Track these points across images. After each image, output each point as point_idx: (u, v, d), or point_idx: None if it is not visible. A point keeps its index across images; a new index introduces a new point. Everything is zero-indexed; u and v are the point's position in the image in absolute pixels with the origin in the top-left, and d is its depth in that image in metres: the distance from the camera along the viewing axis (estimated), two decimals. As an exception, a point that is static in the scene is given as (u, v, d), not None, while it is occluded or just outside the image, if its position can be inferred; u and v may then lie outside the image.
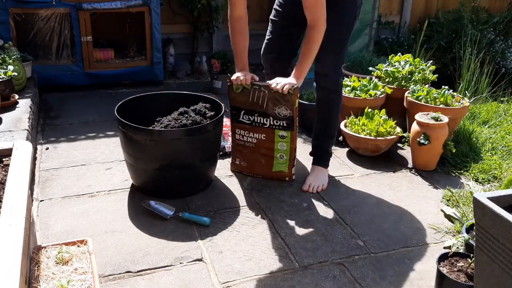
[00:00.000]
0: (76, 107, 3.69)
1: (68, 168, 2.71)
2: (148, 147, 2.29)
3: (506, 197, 1.45)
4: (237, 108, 2.55)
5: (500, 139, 3.13)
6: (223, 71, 4.04)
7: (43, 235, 2.11)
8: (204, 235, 2.15)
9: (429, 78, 3.33)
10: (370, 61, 4.08)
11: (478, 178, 2.73)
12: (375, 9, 4.66)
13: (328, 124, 2.62)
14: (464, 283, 1.71)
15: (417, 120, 2.77)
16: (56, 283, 1.40)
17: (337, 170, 2.81)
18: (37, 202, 2.36)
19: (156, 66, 4.13)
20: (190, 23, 4.54)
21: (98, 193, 2.48)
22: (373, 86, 3.20)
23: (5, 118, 2.85)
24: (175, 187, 2.43)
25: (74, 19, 3.81)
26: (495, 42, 5.08)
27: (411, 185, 2.67)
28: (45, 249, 1.59)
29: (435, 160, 2.82)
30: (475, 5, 5.48)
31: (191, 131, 2.31)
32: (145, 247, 2.06)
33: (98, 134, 3.19)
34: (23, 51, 3.60)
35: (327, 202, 2.46)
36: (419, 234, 2.22)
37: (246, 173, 2.68)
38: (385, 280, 1.91)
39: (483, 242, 1.43)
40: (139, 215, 2.29)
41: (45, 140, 3.08)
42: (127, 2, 3.89)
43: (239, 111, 2.54)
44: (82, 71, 3.96)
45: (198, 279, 1.88)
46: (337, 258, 2.04)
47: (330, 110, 2.59)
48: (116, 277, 1.87)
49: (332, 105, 2.58)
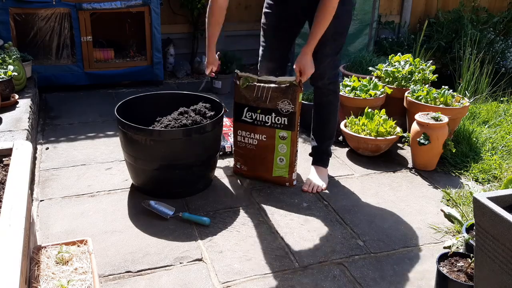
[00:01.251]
0: (76, 107, 3.69)
1: (68, 168, 2.72)
2: (148, 147, 2.29)
3: (506, 197, 1.45)
4: (240, 105, 2.56)
5: (500, 139, 3.13)
6: (223, 71, 4.04)
7: (43, 235, 2.11)
8: (204, 235, 2.15)
9: (429, 78, 3.33)
10: (370, 61, 4.08)
11: (478, 178, 2.73)
12: (375, 9, 4.65)
13: (326, 125, 2.62)
14: (464, 283, 1.71)
15: (417, 120, 2.77)
16: (56, 283, 1.40)
17: (337, 170, 2.81)
18: (37, 202, 2.36)
19: (156, 66, 4.13)
20: (190, 23, 4.55)
21: (98, 193, 2.48)
22: (373, 86, 3.20)
23: (5, 118, 2.85)
24: (175, 187, 2.44)
25: (74, 19, 3.81)
26: (495, 42, 5.08)
27: (411, 185, 2.67)
28: (45, 249, 1.59)
29: (435, 160, 2.82)
30: (475, 5, 5.48)
31: (191, 131, 2.31)
32: (145, 247, 2.06)
33: (98, 134, 3.19)
34: (23, 51, 3.60)
35: (327, 202, 2.46)
36: (419, 234, 2.23)
37: (247, 176, 2.68)
38: (385, 280, 1.91)
39: (483, 242, 1.43)
40: (139, 215, 2.29)
41: (45, 140, 3.08)
42: (127, 2, 3.89)
43: (243, 108, 2.55)
44: (82, 71, 3.96)
45: (198, 279, 1.88)
46: (337, 258, 2.04)
47: (328, 111, 2.59)
48: (116, 277, 1.87)
49: (329, 106, 2.58)
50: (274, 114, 2.48)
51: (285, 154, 2.52)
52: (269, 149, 2.55)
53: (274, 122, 2.50)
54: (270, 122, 2.51)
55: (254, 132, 2.56)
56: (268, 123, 2.51)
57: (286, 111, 2.45)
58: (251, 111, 2.54)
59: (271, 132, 2.52)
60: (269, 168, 2.58)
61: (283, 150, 2.52)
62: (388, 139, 2.87)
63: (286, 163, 2.54)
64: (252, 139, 2.58)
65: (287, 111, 2.45)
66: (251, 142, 2.59)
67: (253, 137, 2.57)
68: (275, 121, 2.49)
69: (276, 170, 2.57)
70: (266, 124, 2.52)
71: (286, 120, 2.47)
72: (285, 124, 2.48)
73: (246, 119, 2.56)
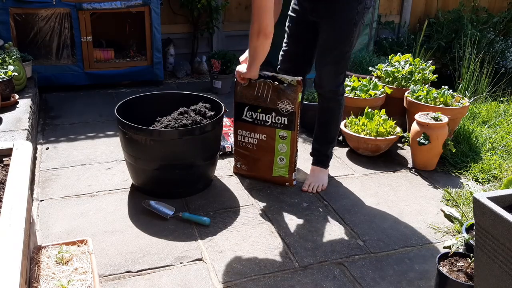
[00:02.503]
0: (76, 107, 3.69)
1: (68, 168, 2.72)
2: (148, 147, 2.29)
3: (506, 197, 1.45)
4: (241, 104, 2.56)
5: (500, 139, 3.13)
6: (223, 71, 4.04)
7: (43, 235, 2.11)
8: (204, 235, 2.15)
9: (429, 78, 3.33)
10: (370, 61, 4.08)
11: (478, 178, 2.73)
12: (375, 9, 4.65)
13: (327, 130, 2.60)
14: (464, 283, 1.71)
15: (417, 120, 2.77)
16: (56, 283, 1.40)
17: (337, 170, 2.81)
18: (37, 202, 2.36)
19: (156, 66, 4.13)
20: (190, 23, 4.54)
21: (98, 193, 2.48)
22: (373, 86, 3.20)
23: (5, 118, 2.86)
24: (175, 187, 2.44)
25: (74, 19, 3.81)
26: (495, 42, 5.09)
27: (411, 185, 2.67)
28: (45, 249, 1.59)
29: (435, 160, 2.82)
30: (475, 5, 5.48)
31: (191, 131, 2.31)
32: (145, 247, 2.06)
33: (98, 134, 3.19)
34: (23, 51, 3.60)
35: (327, 202, 2.46)
36: (419, 234, 2.23)
37: (247, 176, 2.68)
38: (385, 280, 1.92)
39: (483, 242, 1.43)
40: (139, 215, 2.29)
41: (45, 140, 3.08)
42: (127, 2, 3.89)
43: (243, 107, 2.55)
44: (82, 71, 3.96)
45: (198, 279, 1.88)
46: (337, 258, 2.04)
47: (329, 116, 2.57)
48: (116, 277, 1.87)
49: (331, 112, 2.55)
50: (274, 114, 2.49)
51: (285, 153, 2.53)
52: (269, 149, 2.55)
53: (274, 122, 2.50)
54: (270, 122, 2.51)
55: (255, 132, 2.56)
56: (268, 123, 2.51)
57: (286, 110, 2.45)
58: (251, 110, 2.54)
59: (271, 131, 2.52)
60: (269, 167, 2.58)
61: (283, 150, 2.52)
62: (388, 139, 2.87)
63: (286, 163, 2.54)
64: (252, 139, 2.58)
65: (287, 111, 2.45)
66: (251, 142, 2.59)
67: (253, 136, 2.57)
68: (275, 120, 2.49)
69: (276, 169, 2.57)
70: (266, 124, 2.52)
71: (286, 120, 2.47)
72: (285, 123, 2.48)
73: (247, 119, 2.56)
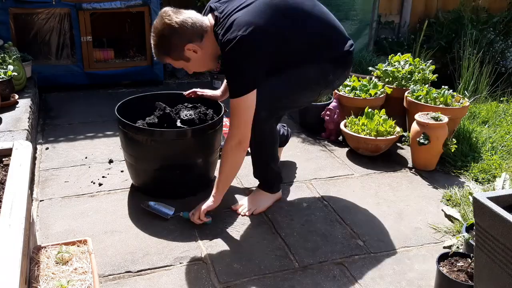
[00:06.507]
0: (76, 107, 3.69)
1: (68, 168, 2.71)
2: (148, 147, 2.29)
3: (506, 197, 1.45)
4: None
5: (499, 139, 3.13)
6: (223, 71, 4.04)
7: (43, 235, 2.11)
8: (204, 235, 2.15)
9: (429, 78, 3.33)
10: (370, 61, 4.08)
11: (478, 178, 2.73)
12: (375, 9, 4.65)
13: (254, 152, 2.35)
14: (464, 283, 1.71)
15: (417, 120, 2.77)
16: (56, 283, 1.40)
17: (337, 170, 2.81)
18: (37, 202, 2.36)
19: (156, 66, 4.13)
20: (190, 23, 4.53)
21: (98, 193, 2.48)
22: (373, 86, 3.20)
23: (5, 118, 2.85)
24: (175, 187, 2.43)
25: (74, 19, 3.81)
26: (495, 42, 5.08)
27: (411, 185, 2.67)
28: (45, 249, 1.59)
29: (435, 160, 2.82)
30: (475, 5, 5.48)
31: (191, 131, 2.31)
32: (145, 247, 2.06)
33: (98, 134, 3.19)
34: (23, 51, 3.60)
35: (327, 202, 2.46)
36: (419, 234, 2.23)
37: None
38: (385, 280, 1.91)
39: (483, 242, 1.43)
40: (139, 215, 2.29)
41: (45, 140, 3.08)
42: (127, 2, 3.89)
43: None
44: (82, 71, 3.96)
45: (198, 279, 1.88)
46: (337, 258, 2.04)
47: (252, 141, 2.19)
48: (116, 277, 1.87)
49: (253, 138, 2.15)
50: None
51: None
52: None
53: None
54: None
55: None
56: None
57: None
58: None
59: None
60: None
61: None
62: (388, 139, 2.87)
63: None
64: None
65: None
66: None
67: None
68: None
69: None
70: None
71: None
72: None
73: None
